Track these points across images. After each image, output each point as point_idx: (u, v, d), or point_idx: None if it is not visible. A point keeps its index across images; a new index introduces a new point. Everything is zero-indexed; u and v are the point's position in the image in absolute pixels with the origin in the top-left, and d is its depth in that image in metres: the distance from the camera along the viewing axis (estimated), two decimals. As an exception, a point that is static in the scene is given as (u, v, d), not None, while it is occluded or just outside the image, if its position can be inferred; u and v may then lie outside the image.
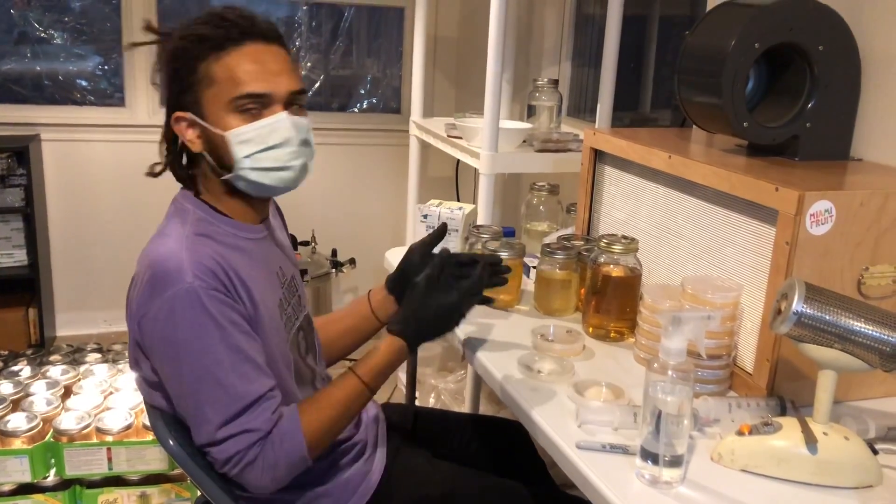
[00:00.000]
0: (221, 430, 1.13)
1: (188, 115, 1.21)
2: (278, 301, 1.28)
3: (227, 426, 1.13)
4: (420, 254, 1.48)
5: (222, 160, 1.22)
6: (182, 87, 1.20)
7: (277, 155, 1.22)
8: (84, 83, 3.48)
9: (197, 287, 1.12)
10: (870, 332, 1.03)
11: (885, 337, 1.03)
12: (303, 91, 1.24)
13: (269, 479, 1.16)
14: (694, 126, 1.59)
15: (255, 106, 1.19)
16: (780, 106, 1.47)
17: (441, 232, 1.48)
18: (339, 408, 1.23)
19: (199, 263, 1.14)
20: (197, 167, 1.27)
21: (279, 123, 1.20)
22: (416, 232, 1.86)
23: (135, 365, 1.24)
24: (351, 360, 1.36)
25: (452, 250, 1.81)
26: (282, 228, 1.46)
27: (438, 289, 1.31)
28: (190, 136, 1.23)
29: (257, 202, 1.29)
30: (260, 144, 1.20)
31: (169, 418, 1.23)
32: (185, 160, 1.29)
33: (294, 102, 1.23)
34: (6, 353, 2.56)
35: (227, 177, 1.23)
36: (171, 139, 1.26)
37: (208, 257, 1.15)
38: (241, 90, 1.18)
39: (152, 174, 1.29)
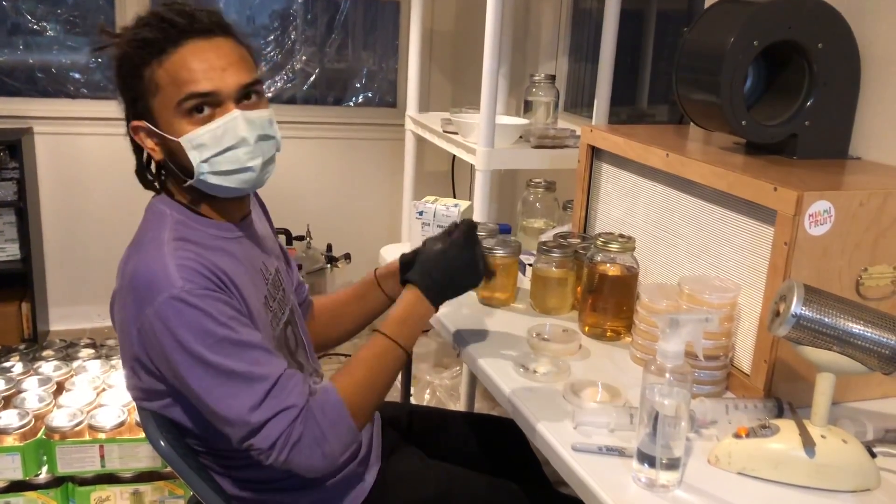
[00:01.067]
0: (255, 415, 1.09)
1: (143, 123, 1.18)
2: (263, 299, 1.26)
3: (259, 410, 1.09)
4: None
5: (182, 166, 1.18)
6: (133, 96, 1.17)
7: (235, 156, 1.17)
8: (77, 76, 3.46)
9: (188, 290, 1.09)
10: (869, 334, 1.02)
11: (885, 340, 1.02)
12: (256, 81, 1.18)
13: (320, 456, 1.12)
14: (692, 123, 1.57)
15: (205, 107, 1.14)
16: (779, 104, 1.46)
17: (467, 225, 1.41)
18: (369, 366, 1.21)
19: (184, 267, 1.11)
20: (167, 170, 1.25)
21: (231, 123, 1.15)
22: (411, 228, 1.85)
23: (133, 376, 1.21)
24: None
25: (452, 224, 1.80)
26: (263, 220, 1.43)
27: (455, 244, 1.31)
28: (150, 145, 1.19)
29: (234, 201, 1.26)
30: (215, 147, 1.15)
31: (160, 420, 1.22)
32: (153, 166, 1.26)
33: (248, 95, 1.18)
34: (-2, 348, 2.55)
35: (189, 183, 1.19)
36: (135, 148, 1.24)
37: (192, 260, 1.12)
38: (184, 91, 1.13)
39: (149, 186, 1.28)
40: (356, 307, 1.54)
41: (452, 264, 1.30)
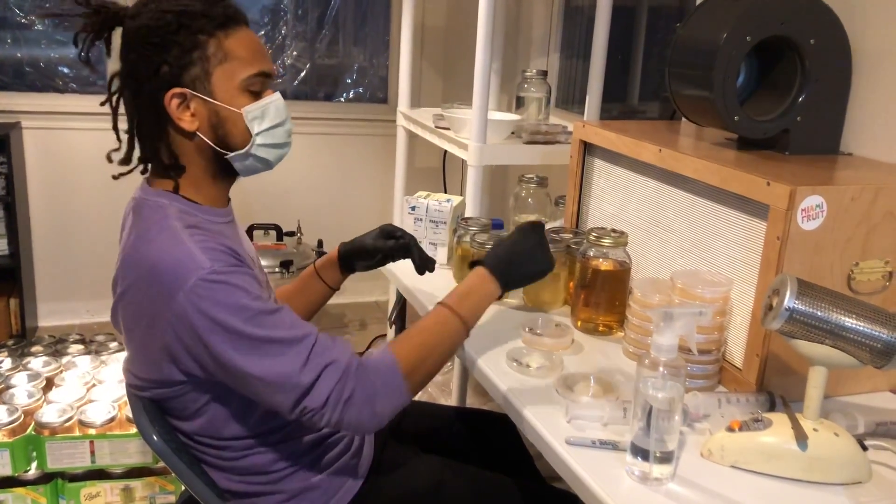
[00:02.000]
0: (304, 375, 1.09)
1: (187, 91, 1.17)
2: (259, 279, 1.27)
3: (307, 368, 1.10)
4: (372, 237, 1.53)
5: (226, 138, 1.21)
6: (182, 64, 1.16)
7: (281, 132, 1.26)
8: (66, 70, 3.43)
9: (217, 269, 1.09)
10: (861, 328, 1.03)
11: (876, 333, 1.02)
12: None
13: (371, 414, 1.13)
14: (683, 119, 1.58)
15: (260, 85, 1.22)
16: (771, 100, 1.46)
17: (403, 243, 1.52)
18: (427, 332, 1.23)
19: (209, 249, 1.11)
20: (179, 151, 1.22)
21: (279, 102, 1.25)
22: (403, 223, 1.84)
23: (159, 373, 1.17)
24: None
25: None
26: None
27: (524, 232, 1.34)
28: (184, 116, 1.18)
29: (227, 185, 1.29)
30: (270, 122, 1.23)
31: (153, 413, 1.22)
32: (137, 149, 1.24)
33: None
34: (-13, 344, 2.53)
35: (232, 155, 1.22)
36: (152, 128, 1.20)
37: (215, 242, 1.13)
38: (256, 68, 1.20)
39: (122, 173, 1.24)
40: (298, 302, 1.54)
41: (519, 248, 1.33)
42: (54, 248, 3.45)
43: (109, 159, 1.24)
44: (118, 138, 1.23)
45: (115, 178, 1.25)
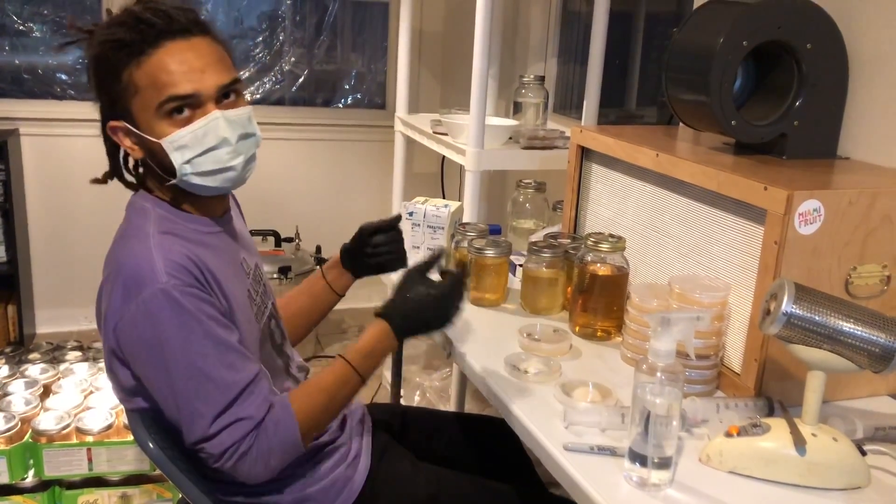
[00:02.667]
0: (215, 423, 1.10)
1: (122, 123, 1.18)
2: (246, 292, 1.27)
3: (221, 418, 1.10)
4: (370, 231, 1.51)
5: (163, 165, 1.18)
6: (110, 97, 1.16)
7: (217, 156, 1.17)
8: (64, 77, 3.43)
9: (172, 286, 1.09)
10: (859, 332, 1.02)
11: (874, 338, 1.02)
12: (235, 80, 1.18)
13: (262, 468, 1.14)
14: (681, 124, 1.58)
15: (185, 108, 1.14)
16: (768, 104, 1.46)
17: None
18: (328, 392, 1.22)
19: (171, 262, 1.11)
20: (146, 168, 1.24)
21: (213, 123, 1.15)
22: (401, 229, 1.84)
23: (110, 373, 1.22)
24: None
25: (438, 248, 1.80)
26: (240, 218, 1.44)
27: (444, 296, 1.29)
28: (128, 144, 1.19)
29: (216, 197, 1.27)
30: (197, 148, 1.15)
31: (149, 421, 1.21)
32: (131, 164, 1.27)
33: (227, 95, 1.18)
34: (-16, 351, 2.52)
35: (171, 182, 1.19)
36: (110, 147, 1.24)
37: (179, 254, 1.12)
38: (165, 94, 1.12)
39: (99, 181, 1.27)
40: (306, 304, 1.55)
41: (432, 312, 1.30)
42: (52, 254, 3.44)
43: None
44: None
45: (95, 181, 1.29)
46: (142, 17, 1.13)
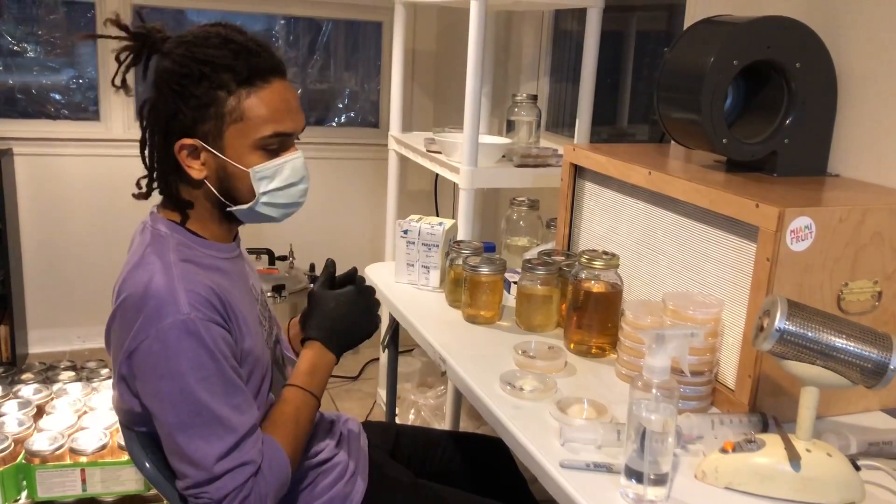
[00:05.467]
0: (218, 465, 1.09)
1: (197, 142, 1.17)
2: (257, 318, 1.27)
3: (224, 460, 1.10)
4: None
5: (231, 192, 1.20)
6: (197, 116, 1.15)
7: (293, 192, 1.24)
8: (58, 97, 3.44)
9: (194, 318, 1.09)
10: (851, 348, 1.03)
11: (867, 353, 1.03)
12: None
13: None
14: (672, 142, 1.59)
15: (279, 144, 1.20)
16: (759, 122, 1.48)
17: (329, 267, 1.43)
18: (295, 420, 1.22)
19: (193, 293, 1.11)
20: (188, 191, 1.23)
21: (296, 162, 1.23)
22: (395, 247, 1.85)
23: (117, 397, 1.20)
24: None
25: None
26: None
27: (330, 293, 1.33)
28: (193, 164, 1.18)
29: (233, 224, 1.27)
30: (280, 182, 1.22)
31: (145, 441, 1.21)
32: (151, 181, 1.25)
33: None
34: (-23, 371, 2.51)
35: (234, 209, 1.21)
36: (167, 164, 1.20)
37: (202, 286, 1.12)
38: (272, 129, 1.17)
39: (142, 196, 1.24)
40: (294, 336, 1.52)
41: (355, 318, 1.33)
42: (45, 274, 3.43)
43: (139, 185, 1.25)
44: (145, 165, 1.24)
45: (139, 196, 1.26)
46: (250, 48, 1.15)
